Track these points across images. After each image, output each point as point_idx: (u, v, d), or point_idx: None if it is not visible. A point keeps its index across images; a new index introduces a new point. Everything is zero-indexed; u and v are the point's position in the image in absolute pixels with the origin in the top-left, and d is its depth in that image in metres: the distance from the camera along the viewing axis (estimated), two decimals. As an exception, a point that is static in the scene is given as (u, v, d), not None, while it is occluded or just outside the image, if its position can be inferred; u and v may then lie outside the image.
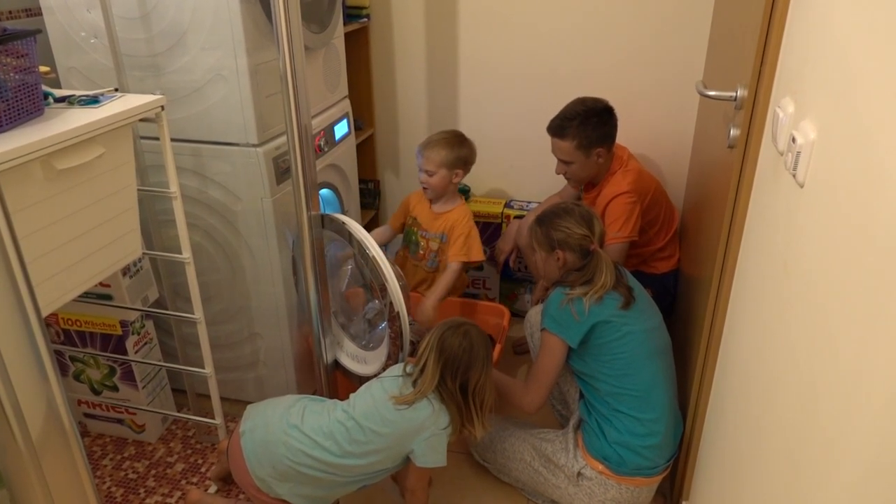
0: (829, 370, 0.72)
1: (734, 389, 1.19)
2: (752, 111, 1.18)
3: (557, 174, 2.04)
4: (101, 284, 1.65)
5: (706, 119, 1.94)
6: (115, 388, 1.84)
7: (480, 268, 2.49)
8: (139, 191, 1.44)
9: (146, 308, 1.76)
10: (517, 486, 1.72)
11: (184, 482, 1.77)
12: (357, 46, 2.40)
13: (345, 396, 1.53)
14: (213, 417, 1.71)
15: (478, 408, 1.46)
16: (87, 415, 1.92)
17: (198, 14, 1.52)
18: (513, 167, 2.50)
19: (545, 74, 2.31)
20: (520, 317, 2.39)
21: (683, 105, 2.19)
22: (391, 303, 1.58)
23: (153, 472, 1.80)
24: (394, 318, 1.60)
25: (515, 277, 2.45)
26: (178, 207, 1.47)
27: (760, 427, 0.98)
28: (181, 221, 1.49)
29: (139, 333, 1.79)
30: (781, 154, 0.97)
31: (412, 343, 2.00)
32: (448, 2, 2.31)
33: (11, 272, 0.78)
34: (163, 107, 1.38)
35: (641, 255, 2.09)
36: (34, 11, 1.68)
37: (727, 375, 1.26)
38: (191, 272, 1.53)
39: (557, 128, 1.94)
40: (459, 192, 2.45)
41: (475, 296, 2.51)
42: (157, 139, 1.42)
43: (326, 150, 1.97)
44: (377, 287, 1.62)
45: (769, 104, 1.11)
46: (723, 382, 1.30)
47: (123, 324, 1.73)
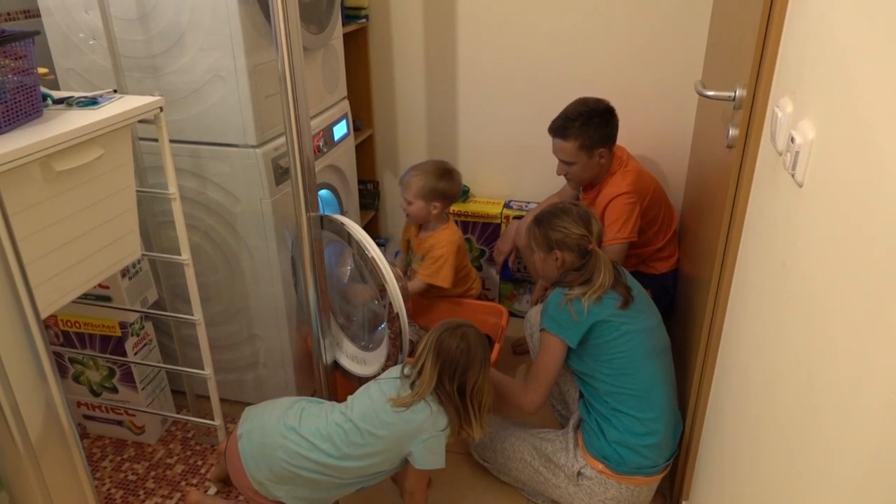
0: (829, 369, 0.72)
1: (734, 389, 1.19)
2: (751, 111, 1.18)
3: (558, 175, 2.04)
4: (101, 286, 1.65)
5: (705, 119, 1.94)
6: (115, 390, 1.84)
7: (480, 268, 2.49)
8: (138, 192, 1.44)
9: (145, 309, 1.76)
10: (517, 486, 1.72)
11: (183, 483, 1.77)
12: (356, 47, 2.40)
13: (344, 397, 1.53)
14: (213, 419, 1.71)
15: (476, 409, 1.46)
16: (87, 416, 1.92)
17: (196, 15, 1.52)
18: (511, 167, 2.50)
19: (544, 75, 2.31)
20: (519, 317, 2.39)
21: (682, 105, 2.19)
22: (390, 304, 1.58)
23: (153, 474, 1.80)
24: (393, 319, 1.60)
25: (514, 278, 2.45)
26: (177, 209, 1.47)
27: (760, 426, 0.98)
28: (180, 223, 1.49)
29: (138, 335, 1.79)
30: (780, 154, 0.97)
31: (411, 342, 2.00)
32: (447, 2, 2.31)
33: (10, 274, 0.78)
34: (161, 108, 1.38)
35: (641, 256, 2.09)
36: (33, 13, 1.68)
37: (727, 375, 1.26)
38: (190, 273, 1.53)
39: (559, 128, 1.94)
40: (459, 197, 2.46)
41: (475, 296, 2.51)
42: (156, 140, 1.42)
43: (325, 151, 1.97)
44: (376, 288, 1.62)
45: (768, 104, 1.11)
46: (722, 382, 1.30)
47: (123, 325, 1.73)
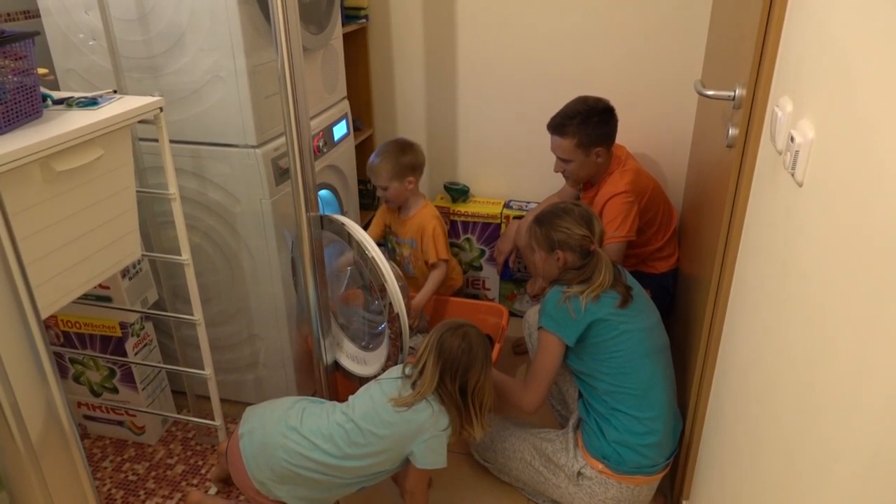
0: (828, 369, 0.72)
1: (734, 388, 1.19)
2: (751, 110, 1.18)
3: (556, 172, 2.04)
4: (101, 286, 1.65)
5: (705, 118, 1.94)
6: (115, 390, 1.84)
7: (480, 268, 2.49)
8: (138, 192, 1.44)
9: (145, 310, 1.76)
10: (517, 486, 1.72)
11: (184, 484, 1.77)
12: (356, 47, 2.40)
13: (344, 397, 1.53)
14: (213, 419, 1.71)
15: (477, 409, 1.46)
16: (87, 417, 1.92)
17: (196, 15, 1.52)
18: (511, 167, 2.50)
19: (543, 74, 2.31)
20: (519, 317, 2.39)
21: (682, 104, 2.19)
22: (391, 303, 1.58)
23: (153, 474, 1.80)
24: (393, 319, 1.60)
25: (515, 278, 2.45)
26: (177, 209, 1.47)
27: (760, 425, 0.98)
28: (180, 223, 1.49)
29: (139, 335, 1.79)
30: (780, 153, 0.97)
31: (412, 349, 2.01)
32: (446, 2, 2.31)
33: (10, 274, 0.78)
34: (161, 108, 1.38)
35: (640, 255, 2.09)
36: (32, 14, 1.68)
37: (727, 374, 1.26)
38: (190, 274, 1.53)
39: (558, 125, 1.94)
40: (453, 192, 2.47)
41: (475, 296, 2.51)
42: (156, 141, 1.42)
43: (325, 151, 1.97)
44: (376, 288, 1.62)
45: (767, 103, 1.11)
46: (722, 381, 1.30)
47: (123, 325, 1.73)
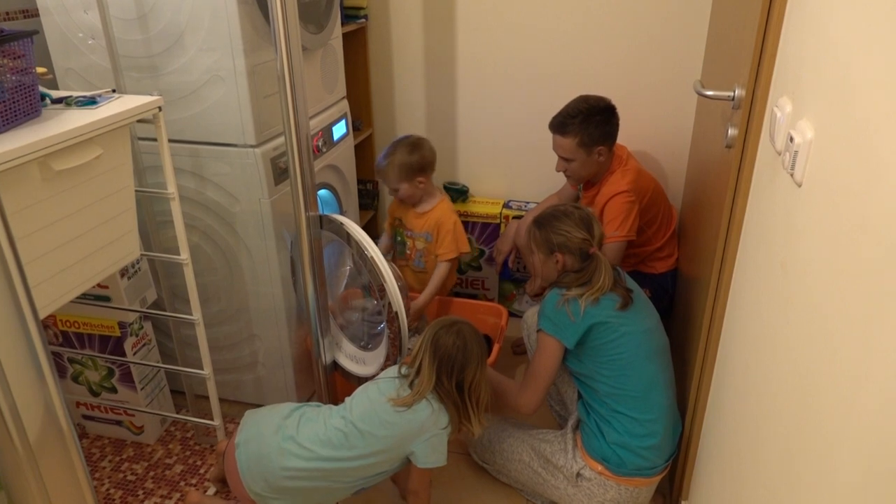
0: (828, 369, 0.72)
1: (733, 389, 1.19)
2: (750, 111, 1.18)
3: (557, 171, 2.04)
4: (100, 286, 1.65)
5: (704, 119, 1.94)
6: (114, 390, 1.83)
7: (479, 268, 2.49)
8: (137, 192, 1.44)
9: (144, 309, 1.76)
10: (516, 487, 1.72)
11: (182, 484, 1.77)
12: (355, 47, 2.40)
13: (343, 398, 1.53)
14: (212, 419, 1.71)
15: (474, 405, 1.47)
16: (86, 416, 1.92)
17: (195, 15, 1.52)
18: (511, 167, 2.50)
19: (543, 74, 2.31)
20: (518, 317, 2.39)
21: (681, 105, 2.19)
22: (390, 303, 1.58)
23: (152, 474, 1.80)
24: (392, 319, 1.60)
25: (514, 278, 2.45)
26: (176, 208, 1.47)
27: (759, 426, 0.98)
28: (179, 222, 1.48)
29: (137, 335, 1.79)
30: (779, 154, 0.97)
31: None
32: (446, 2, 2.31)
33: (9, 273, 0.78)
34: (160, 108, 1.38)
35: (639, 255, 2.09)
36: (31, 13, 1.68)
37: (726, 375, 1.26)
38: (189, 273, 1.53)
39: (560, 125, 1.94)
40: (452, 192, 2.46)
41: (474, 296, 2.51)
42: (155, 140, 1.41)
43: (325, 151, 1.97)
44: (375, 288, 1.62)
45: (767, 104, 1.11)
46: (722, 382, 1.30)
47: (122, 325, 1.73)
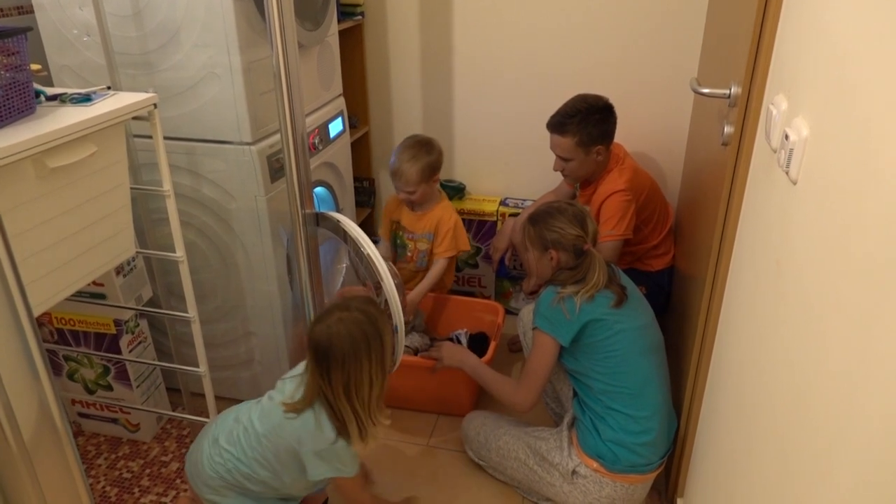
0: (822, 366, 0.72)
1: (728, 386, 1.19)
2: (746, 108, 1.18)
3: (555, 171, 2.04)
4: (95, 283, 1.65)
5: (700, 116, 1.94)
6: (110, 388, 1.83)
7: (476, 265, 2.49)
8: (132, 189, 1.43)
9: (140, 307, 1.75)
10: (512, 485, 1.72)
11: (178, 481, 1.77)
12: (351, 44, 2.40)
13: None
14: (208, 416, 1.71)
15: (364, 408, 1.26)
16: (82, 414, 1.92)
17: (190, 11, 1.51)
18: (508, 165, 2.50)
19: (539, 72, 2.31)
20: (515, 314, 2.39)
21: (678, 102, 2.19)
22: (386, 301, 1.58)
23: (148, 472, 1.80)
24: (389, 317, 1.60)
25: (511, 275, 2.45)
26: (172, 206, 1.47)
27: (754, 424, 0.98)
28: (174, 220, 1.48)
29: (133, 332, 1.78)
30: (775, 151, 0.97)
31: (416, 350, 2.01)
32: (442, -1, 2.31)
33: (2, 271, 0.77)
34: (155, 105, 1.37)
35: (636, 253, 2.09)
36: (26, 9, 1.67)
37: (721, 372, 1.26)
38: (184, 271, 1.53)
39: (558, 124, 1.94)
40: (449, 190, 2.46)
41: (471, 293, 2.51)
42: (151, 137, 1.41)
43: (321, 149, 1.97)
44: (372, 285, 1.61)
45: (762, 101, 1.12)
46: (717, 379, 1.30)
47: (117, 323, 1.72)
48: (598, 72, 2.24)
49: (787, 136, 0.88)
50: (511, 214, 2.35)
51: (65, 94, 1.29)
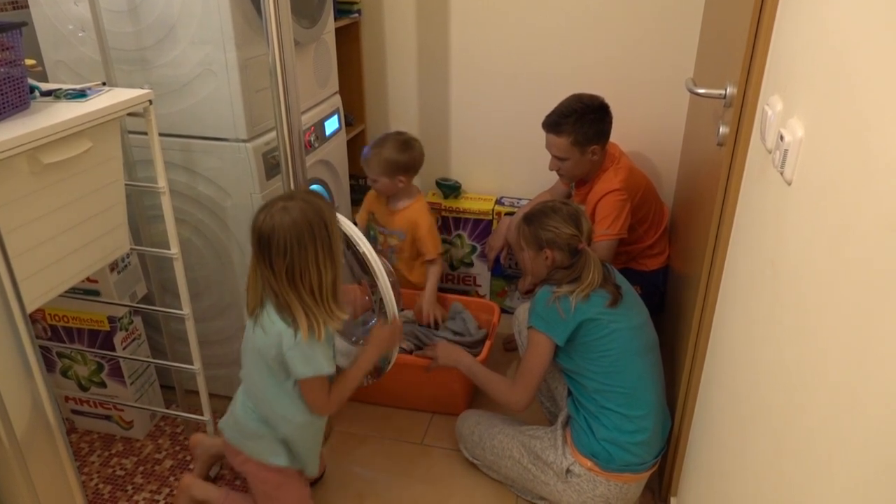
0: (816, 367, 0.73)
1: (722, 386, 1.19)
2: (741, 109, 1.18)
3: (551, 170, 2.04)
4: (89, 280, 1.64)
5: (696, 117, 1.94)
6: (103, 385, 1.82)
7: (471, 264, 2.49)
8: (127, 185, 1.43)
9: (134, 304, 1.75)
10: (506, 484, 1.72)
11: (172, 479, 1.76)
12: (348, 42, 2.39)
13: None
14: (202, 414, 1.70)
15: (313, 297, 1.23)
16: (75, 411, 1.91)
17: (186, 8, 1.51)
18: (504, 164, 2.50)
19: (536, 71, 2.31)
20: (510, 313, 2.39)
21: (673, 102, 2.19)
22: (381, 298, 1.58)
23: (141, 469, 1.79)
24: (384, 314, 1.60)
25: (506, 274, 2.45)
26: (167, 203, 1.46)
27: (748, 423, 0.98)
28: (169, 217, 1.48)
29: (127, 329, 1.78)
30: (769, 152, 0.97)
31: (420, 345, 2.01)
32: (439, -2, 2.30)
33: (-5, 267, 0.77)
34: (151, 101, 1.37)
35: (631, 253, 2.09)
36: (21, 4, 1.66)
37: (716, 372, 1.27)
38: (179, 268, 1.53)
39: (553, 124, 1.94)
40: (445, 188, 2.46)
41: (466, 292, 2.51)
42: (146, 134, 1.41)
43: (317, 146, 1.97)
44: (367, 283, 1.61)
45: (758, 102, 1.12)
46: (711, 379, 1.31)
47: (111, 320, 1.72)
48: (594, 71, 2.25)
49: (783, 137, 0.88)
50: (507, 213, 2.35)
51: (59, 90, 1.29)
